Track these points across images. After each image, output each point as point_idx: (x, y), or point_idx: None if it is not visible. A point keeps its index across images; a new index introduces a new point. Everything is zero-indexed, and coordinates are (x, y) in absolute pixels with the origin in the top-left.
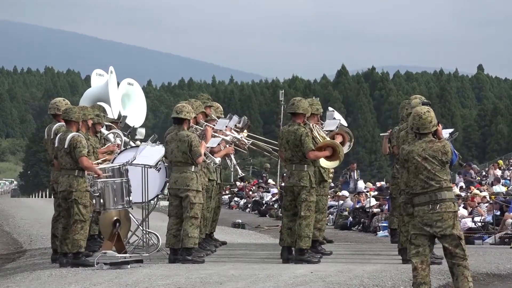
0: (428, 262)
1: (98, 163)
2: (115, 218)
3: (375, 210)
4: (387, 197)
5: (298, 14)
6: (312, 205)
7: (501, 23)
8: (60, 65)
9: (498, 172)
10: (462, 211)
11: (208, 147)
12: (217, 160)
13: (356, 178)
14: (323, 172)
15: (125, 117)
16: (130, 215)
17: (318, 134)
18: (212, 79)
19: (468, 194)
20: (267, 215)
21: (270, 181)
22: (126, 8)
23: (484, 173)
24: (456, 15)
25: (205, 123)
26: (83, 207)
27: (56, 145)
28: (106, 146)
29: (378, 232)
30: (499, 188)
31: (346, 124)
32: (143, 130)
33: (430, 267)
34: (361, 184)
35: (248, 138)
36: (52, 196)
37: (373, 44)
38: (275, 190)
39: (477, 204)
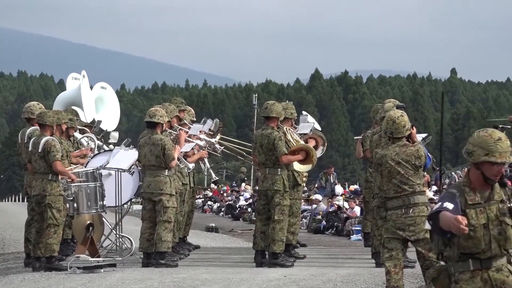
0: (401, 266)
1: (71, 168)
2: (88, 222)
3: (349, 212)
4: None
5: (271, 18)
6: (285, 209)
7: (475, 28)
8: (33, 69)
9: None
10: None
11: (181, 152)
12: (191, 165)
13: (332, 181)
14: (296, 176)
15: (99, 121)
16: (104, 219)
17: (292, 138)
18: (185, 83)
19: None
20: (240, 219)
21: (243, 185)
22: (99, 12)
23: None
24: (429, 19)
25: (179, 127)
26: (56, 211)
27: (30, 149)
28: (79, 150)
29: (351, 236)
30: None
31: (319, 128)
32: (116, 134)
33: (403, 270)
34: (338, 189)
35: (221, 141)
36: (26, 200)
37: (347, 48)
38: (247, 195)
39: None
